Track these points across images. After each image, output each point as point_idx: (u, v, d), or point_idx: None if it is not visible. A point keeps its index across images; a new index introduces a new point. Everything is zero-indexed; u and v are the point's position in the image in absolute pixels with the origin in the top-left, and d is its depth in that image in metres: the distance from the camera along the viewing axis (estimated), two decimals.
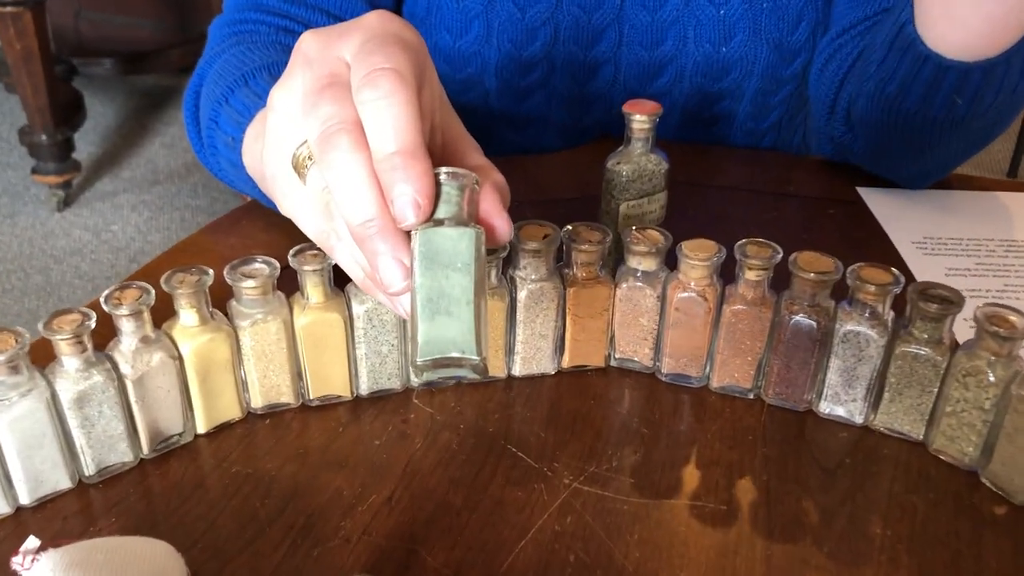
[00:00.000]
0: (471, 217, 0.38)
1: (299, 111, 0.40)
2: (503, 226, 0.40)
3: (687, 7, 0.73)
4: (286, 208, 0.44)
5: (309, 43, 0.41)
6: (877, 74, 0.63)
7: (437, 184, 0.38)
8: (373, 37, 0.39)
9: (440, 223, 0.37)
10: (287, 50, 0.61)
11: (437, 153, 0.42)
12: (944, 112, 0.62)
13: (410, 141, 0.37)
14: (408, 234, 0.37)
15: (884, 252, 0.65)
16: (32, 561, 0.37)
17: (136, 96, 2.99)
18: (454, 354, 0.36)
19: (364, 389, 0.50)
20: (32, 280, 2.17)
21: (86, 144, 2.63)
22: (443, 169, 0.38)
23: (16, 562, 0.37)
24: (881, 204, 0.70)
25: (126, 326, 0.44)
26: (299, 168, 0.41)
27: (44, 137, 2.30)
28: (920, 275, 0.62)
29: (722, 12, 0.73)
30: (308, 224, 0.43)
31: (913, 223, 0.68)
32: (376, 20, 0.41)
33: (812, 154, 0.84)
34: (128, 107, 2.92)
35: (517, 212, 0.42)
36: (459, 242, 0.37)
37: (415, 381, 0.51)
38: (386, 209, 0.37)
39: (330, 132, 0.38)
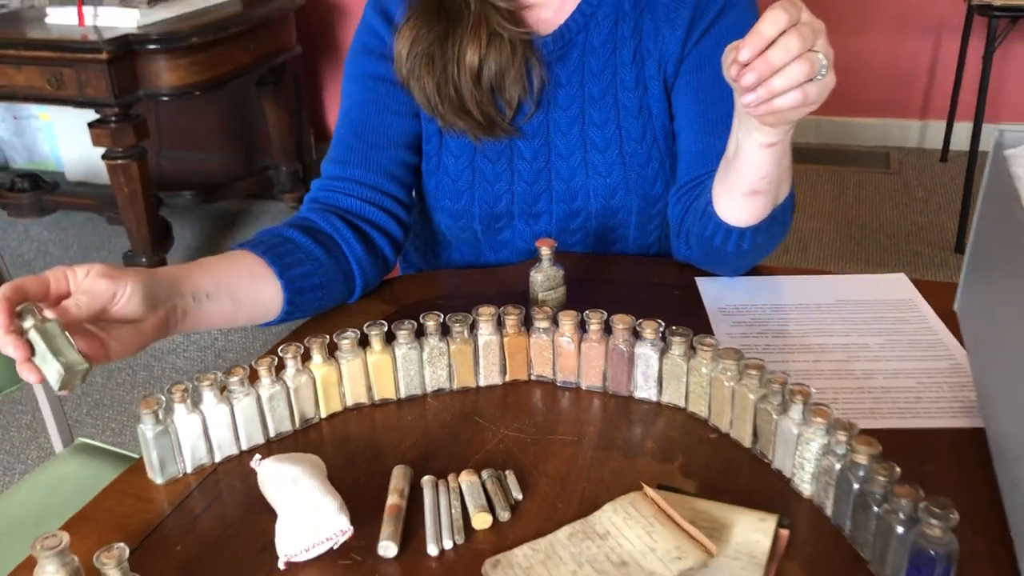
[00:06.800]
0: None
1: None
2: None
3: (587, 178, 1.22)
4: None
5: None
6: (697, 225, 1.11)
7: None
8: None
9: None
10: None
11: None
12: (735, 248, 1.08)
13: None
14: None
15: (699, 314, 1.12)
16: (259, 462, 0.85)
17: (212, 220, 3.56)
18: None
19: (403, 394, 0.98)
20: (138, 375, 2.69)
21: (174, 264, 3.17)
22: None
23: (252, 463, 0.85)
24: (707, 287, 1.18)
25: (290, 363, 0.92)
26: None
27: (144, 260, 2.85)
28: (716, 327, 1.08)
29: (607, 180, 1.22)
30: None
31: (722, 297, 1.15)
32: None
33: None
34: (206, 230, 3.49)
35: (492, 301, 0.90)
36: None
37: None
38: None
39: None
